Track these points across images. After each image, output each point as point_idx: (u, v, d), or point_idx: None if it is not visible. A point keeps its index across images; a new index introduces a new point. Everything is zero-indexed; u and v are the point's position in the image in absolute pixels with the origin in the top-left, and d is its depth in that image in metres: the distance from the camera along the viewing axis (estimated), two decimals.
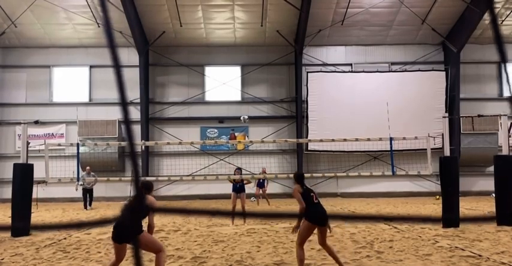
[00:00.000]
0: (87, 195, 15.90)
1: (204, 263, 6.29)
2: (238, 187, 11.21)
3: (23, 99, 20.31)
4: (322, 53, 20.64)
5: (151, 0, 18.22)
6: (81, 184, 15.80)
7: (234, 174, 11.63)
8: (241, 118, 16.92)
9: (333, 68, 20.28)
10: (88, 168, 16.02)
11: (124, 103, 0.79)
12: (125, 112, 0.78)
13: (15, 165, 9.83)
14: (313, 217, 5.39)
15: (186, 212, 0.79)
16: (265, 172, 16.72)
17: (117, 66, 0.79)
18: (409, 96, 19.37)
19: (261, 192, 16.07)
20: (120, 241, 4.82)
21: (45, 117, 19.70)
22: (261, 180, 15.89)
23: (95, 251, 7.32)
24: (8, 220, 11.65)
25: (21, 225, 9.15)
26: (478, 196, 19.00)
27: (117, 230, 4.80)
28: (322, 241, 5.69)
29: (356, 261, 6.27)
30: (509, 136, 12.32)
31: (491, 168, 12.19)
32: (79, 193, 16.39)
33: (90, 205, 15.87)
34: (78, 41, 19.92)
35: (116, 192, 18.99)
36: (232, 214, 8.39)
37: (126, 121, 0.77)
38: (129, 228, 4.43)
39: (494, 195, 10.88)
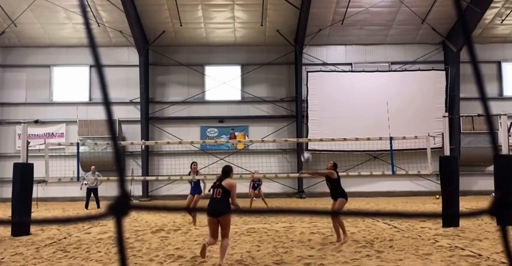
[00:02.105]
0: (92, 195, 15.78)
1: (204, 263, 6.30)
2: (194, 187, 10.86)
3: (23, 98, 20.32)
4: (322, 52, 20.64)
5: (151, 0, 18.22)
6: (85, 184, 15.76)
7: (191, 170, 10.98)
8: (304, 158, 14.03)
9: (333, 68, 20.28)
10: (93, 167, 15.88)
11: (107, 103, 0.80)
12: (108, 112, 0.78)
13: (15, 165, 9.84)
14: (347, 196, 8.07)
15: (165, 210, 0.80)
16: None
17: (99, 66, 0.80)
18: (409, 96, 19.38)
19: (256, 192, 15.02)
20: (216, 215, 6.02)
21: (45, 117, 19.68)
22: (255, 183, 14.62)
23: (95, 250, 7.33)
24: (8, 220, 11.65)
25: (21, 225, 9.16)
26: (477, 195, 19.02)
27: (213, 207, 6.13)
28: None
29: (356, 260, 6.27)
30: (509, 136, 12.32)
31: (491, 168, 12.19)
32: (80, 193, 16.38)
33: (98, 206, 15.69)
34: (78, 40, 19.92)
35: (116, 191, 18.99)
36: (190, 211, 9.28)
37: (110, 121, 0.78)
38: (223, 205, 6.10)
39: (493, 194, 10.88)
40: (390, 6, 18.81)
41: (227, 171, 6.59)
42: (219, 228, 6.14)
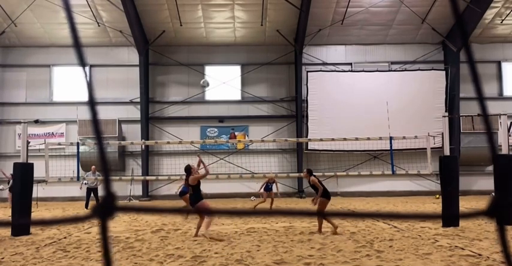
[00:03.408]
0: (92, 195, 15.76)
1: (204, 263, 6.29)
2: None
3: (23, 98, 20.32)
4: (322, 52, 20.64)
5: (151, 0, 18.22)
6: (85, 183, 15.75)
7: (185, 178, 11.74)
8: (202, 82, 18.33)
9: (333, 67, 20.28)
10: (93, 167, 15.82)
11: (92, 102, 0.80)
12: (93, 111, 0.79)
13: (15, 164, 9.83)
14: (328, 195, 9.06)
15: (154, 211, 0.80)
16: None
17: (83, 65, 0.81)
18: (409, 96, 19.38)
19: (268, 193, 14.86)
20: (193, 205, 8.27)
21: (45, 117, 19.66)
22: (269, 185, 14.40)
23: (95, 250, 7.32)
24: (8, 220, 11.66)
25: (21, 225, 9.15)
26: (477, 195, 19.01)
27: (191, 200, 8.53)
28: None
29: (356, 260, 6.27)
30: (509, 136, 12.33)
31: (491, 168, 12.20)
32: (80, 192, 16.38)
33: None
34: None
35: (116, 191, 18.96)
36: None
37: (94, 120, 0.78)
38: (196, 198, 8.33)
39: (493, 194, 10.89)
40: (390, 6, 18.81)
41: (188, 170, 8.46)
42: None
